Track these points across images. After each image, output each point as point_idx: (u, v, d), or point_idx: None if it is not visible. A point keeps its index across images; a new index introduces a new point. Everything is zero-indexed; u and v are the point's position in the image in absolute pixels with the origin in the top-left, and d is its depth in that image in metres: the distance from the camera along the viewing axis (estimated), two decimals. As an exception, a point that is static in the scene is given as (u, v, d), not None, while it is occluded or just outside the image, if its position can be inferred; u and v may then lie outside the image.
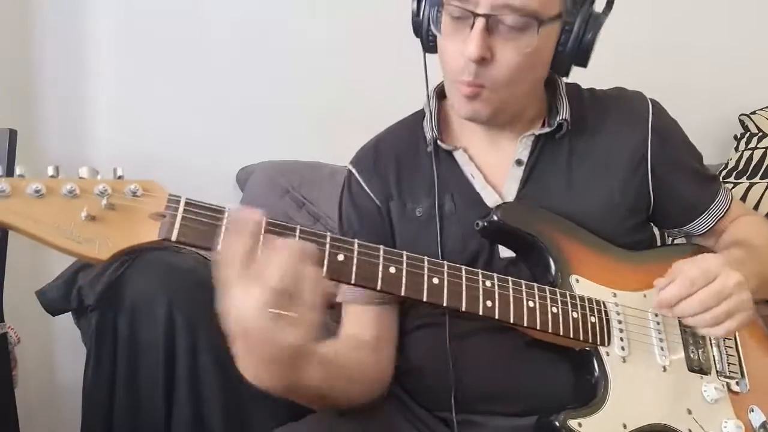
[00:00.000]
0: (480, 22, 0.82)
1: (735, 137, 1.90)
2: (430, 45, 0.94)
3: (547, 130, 0.96)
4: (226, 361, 1.07)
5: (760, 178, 1.75)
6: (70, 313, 1.15)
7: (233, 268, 0.64)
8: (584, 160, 0.96)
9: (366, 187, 1.00)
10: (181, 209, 0.68)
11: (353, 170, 1.03)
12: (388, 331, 0.97)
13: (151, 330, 1.06)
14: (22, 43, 1.68)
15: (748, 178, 1.76)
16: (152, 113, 1.76)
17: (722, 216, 1.03)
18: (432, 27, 0.90)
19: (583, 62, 0.91)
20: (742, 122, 1.90)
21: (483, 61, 0.84)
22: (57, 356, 1.74)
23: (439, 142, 0.97)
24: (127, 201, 0.66)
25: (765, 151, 1.79)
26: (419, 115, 1.06)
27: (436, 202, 0.94)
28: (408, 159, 1.00)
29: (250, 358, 0.67)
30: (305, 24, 1.82)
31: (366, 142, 1.07)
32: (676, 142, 1.01)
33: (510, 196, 0.94)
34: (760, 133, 1.84)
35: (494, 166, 0.97)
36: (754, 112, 1.89)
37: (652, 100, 1.02)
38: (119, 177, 0.68)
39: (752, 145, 1.83)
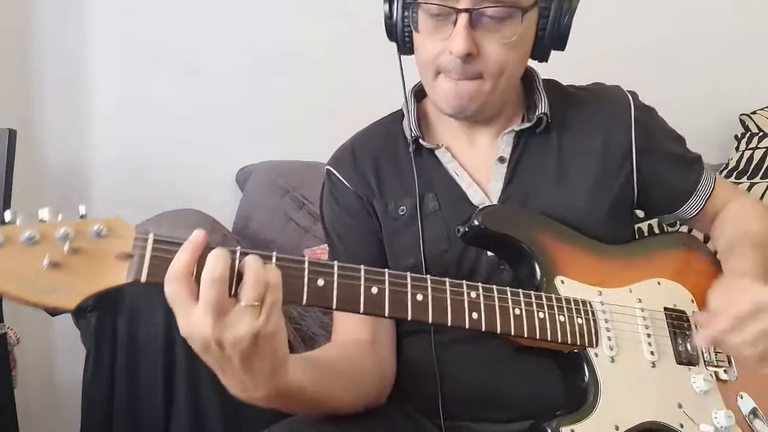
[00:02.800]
0: (463, 18, 0.82)
1: (735, 137, 1.90)
2: (406, 47, 0.94)
3: (527, 125, 0.96)
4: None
5: (761, 178, 1.75)
6: (69, 313, 1.15)
7: (176, 285, 0.62)
8: (568, 155, 0.96)
9: (348, 185, 0.99)
10: (149, 247, 0.64)
11: (333, 170, 1.02)
12: (385, 333, 0.96)
13: (150, 330, 1.06)
14: (22, 43, 1.68)
15: (748, 178, 1.76)
16: (152, 113, 1.75)
17: (710, 195, 1.03)
18: (411, 26, 0.90)
19: (561, 46, 0.91)
20: (742, 122, 1.90)
21: (469, 56, 0.84)
22: (56, 356, 1.74)
23: (420, 140, 0.96)
24: (92, 243, 0.62)
25: (765, 151, 1.79)
26: (397, 115, 1.05)
27: (417, 201, 0.93)
28: (386, 159, 0.99)
29: (225, 370, 0.66)
30: (305, 24, 1.82)
31: (342, 144, 1.06)
32: (659, 132, 1.02)
33: (495, 193, 0.94)
34: (761, 133, 1.84)
35: (476, 164, 0.97)
36: (754, 112, 1.89)
37: (631, 93, 1.02)
38: (82, 216, 0.63)
39: (753, 144, 1.83)
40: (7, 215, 0.61)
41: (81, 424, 1.13)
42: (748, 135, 1.86)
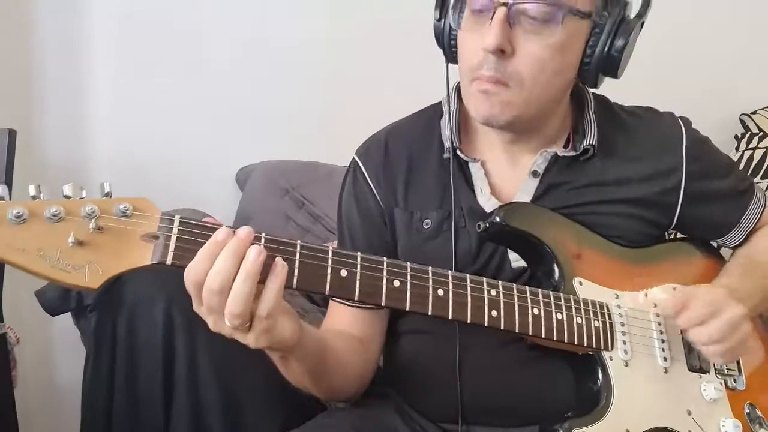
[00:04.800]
0: (500, 12, 0.78)
1: (736, 137, 1.91)
2: (452, 55, 0.90)
3: (572, 153, 0.91)
4: (224, 361, 1.07)
5: (761, 178, 1.75)
6: (69, 313, 1.15)
7: (191, 288, 0.64)
8: (608, 181, 0.92)
9: (372, 185, 0.96)
10: (175, 230, 0.63)
11: (360, 164, 0.98)
12: (376, 333, 0.96)
13: (149, 330, 1.06)
14: (22, 44, 1.68)
15: (748, 178, 1.76)
16: (152, 113, 1.75)
17: (753, 227, 1.01)
18: (452, 24, 0.87)
19: (613, 72, 0.86)
20: (742, 122, 1.90)
21: (503, 54, 0.79)
22: (56, 356, 1.74)
23: (459, 152, 0.92)
24: (117, 222, 0.61)
25: (766, 151, 1.79)
26: (436, 111, 0.99)
27: (453, 216, 0.90)
28: (419, 162, 0.95)
29: None
30: (304, 24, 1.82)
31: (375, 133, 1.01)
32: (711, 168, 0.98)
33: None
34: (761, 133, 1.84)
35: (508, 181, 0.93)
36: (754, 112, 1.89)
37: (684, 121, 0.98)
38: (107, 194, 0.63)
39: (753, 144, 1.83)
40: (32, 190, 0.60)
41: (81, 424, 1.13)
42: (748, 135, 1.86)
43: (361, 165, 0.98)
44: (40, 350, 1.70)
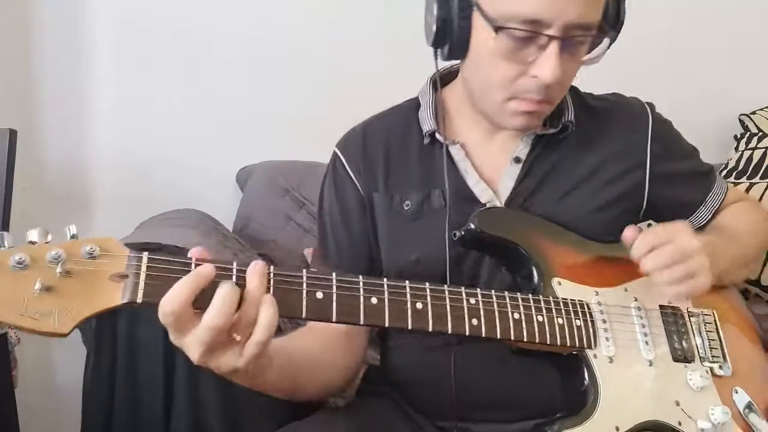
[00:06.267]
0: (555, 45, 0.80)
1: (735, 137, 1.90)
2: (454, 55, 0.89)
3: (551, 131, 0.95)
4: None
5: (760, 178, 1.75)
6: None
7: (170, 319, 0.63)
8: (583, 163, 0.96)
9: (351, 174, 0.98)
10: (143, 267, 0.63)
11: (339, 154, 1.00)
12: (359, 327, 0.96)
13: (150, 330, 1.06)
14: (22, 44, 1.68)
15: (748, 178, 1.76)
16: (152, 113, 1.76)
17: (718, 207, 1.04)
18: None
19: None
20: (742, 122, 1.90)
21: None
22: (57, 356, 1.75)
23: (436, 134, 0.95)
24: (84, 264, 0.60)
25: (765, 151, 1.79)
26: (413, 103, 1.02)
27: (446, 197, 0.92)
28: (398, 149, 0.98)
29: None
30: (304, 24, 1.82)
31: (354, 126, 1.04)
32: (674, 148, 1.02)
33: (505, 191, 0.93)
34: (760, 133, 1.84)
35: (491, 163, 0.96)
36: (754, 112, 1.89)
37: (650, 105, 1.02)
38: (73, 236, 0.62)
39: (752, 145, 1.83)
40: None
41: (81, 424, 1.13)
42: (747, 135, 1.86)
43: (340, 155, 1.00)
44: (40, 350, 1.71)
